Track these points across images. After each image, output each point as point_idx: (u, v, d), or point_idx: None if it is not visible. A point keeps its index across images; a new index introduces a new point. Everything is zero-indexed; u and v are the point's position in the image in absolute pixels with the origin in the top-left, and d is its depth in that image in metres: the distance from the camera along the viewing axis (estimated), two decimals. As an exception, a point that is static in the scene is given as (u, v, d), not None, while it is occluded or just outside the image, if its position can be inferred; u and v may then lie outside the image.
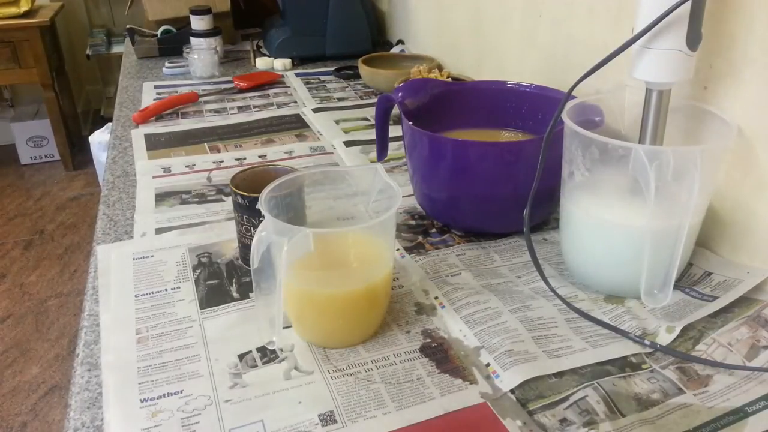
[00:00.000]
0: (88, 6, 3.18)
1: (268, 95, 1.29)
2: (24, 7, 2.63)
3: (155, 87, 1.34)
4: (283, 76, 1.40)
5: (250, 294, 0.64)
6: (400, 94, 0.77)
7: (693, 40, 0.56)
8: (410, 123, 0.72)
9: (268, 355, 0.56)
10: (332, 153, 0.99)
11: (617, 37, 0.76)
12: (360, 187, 0.61)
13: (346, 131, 1.08)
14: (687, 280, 0.65)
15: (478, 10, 1.16)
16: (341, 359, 0.55)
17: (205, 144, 1.03)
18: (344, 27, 1.47)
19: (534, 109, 0.82)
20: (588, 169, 0.60)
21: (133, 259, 0.70)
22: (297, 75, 1.42)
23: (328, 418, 0.49)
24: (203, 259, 0.70)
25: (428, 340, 0.58)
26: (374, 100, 1.24)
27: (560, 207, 0.66)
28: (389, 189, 0.57)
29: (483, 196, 0.71)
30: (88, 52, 2.97)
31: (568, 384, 0.52)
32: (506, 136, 0.83)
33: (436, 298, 0.63)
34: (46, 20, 2.64)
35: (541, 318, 0.60)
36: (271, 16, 1.66)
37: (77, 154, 3.05)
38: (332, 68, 1.44)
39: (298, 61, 1.49)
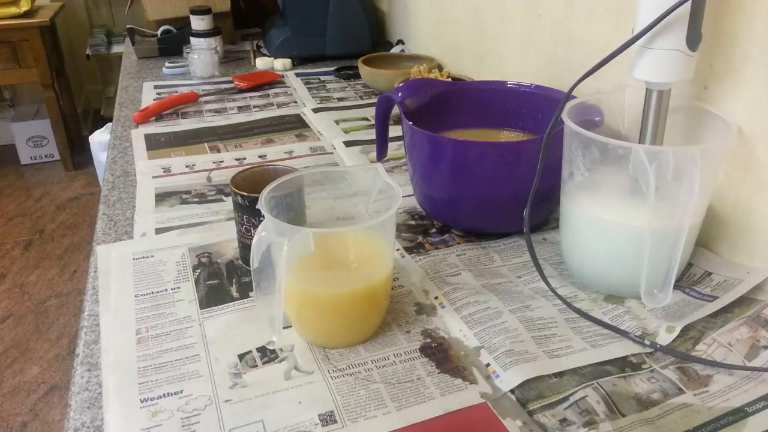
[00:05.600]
0: (88, 6, 3.18)
1: (268, 95, 1.29)
2: (24, 7, 2.63)
3: (155, 87, 1.34)
4: (283, 76, 1.40)
5: (250, 294, 0.64)
6: (400, 94, 0.77)
7: (693, 40, 0.56)
8: (410, 123, 0.72)
9: (268, 355, 0.56)
10: (332, 153, 0.99)
11: (617, 37, 0.76)
12: (360, 187, 0.61)
13: (346, 131, 1.08)
14: (687, 280, 0.65)
15: (478, 10, 1.15)
16: (341, 359, 0.55)
17: (205, 144, 1.03)
18: (344, 27, 1.47)
19: (534, 109, 0.82)
20: (588, 169, 0.60)
21: (133, 259, 0.70)
22: (297, 75, 1.42)
23: (328, 418, 0.49)
24: (203, 259, 0.70)
25: (428, 340, 0.58)
26: (374, 100, 1.24)
27: (560, 207, 0.66)
28: (389, 189, 0.57)
29: (483, 196, 0.71)
30: (88, 52, 2.97)
31: (568, 384, 0.52)
32: (506, 136, 0.83)
33: (436, 298, 0.63)
34: (46, 20, 2.64)
35: (541, 318, 0.60)
36: (271, 16, 1.66)
37: (77, 154, 3.05)
38: (332, 68, 1.44)
39: (298, 61, 1.49)
